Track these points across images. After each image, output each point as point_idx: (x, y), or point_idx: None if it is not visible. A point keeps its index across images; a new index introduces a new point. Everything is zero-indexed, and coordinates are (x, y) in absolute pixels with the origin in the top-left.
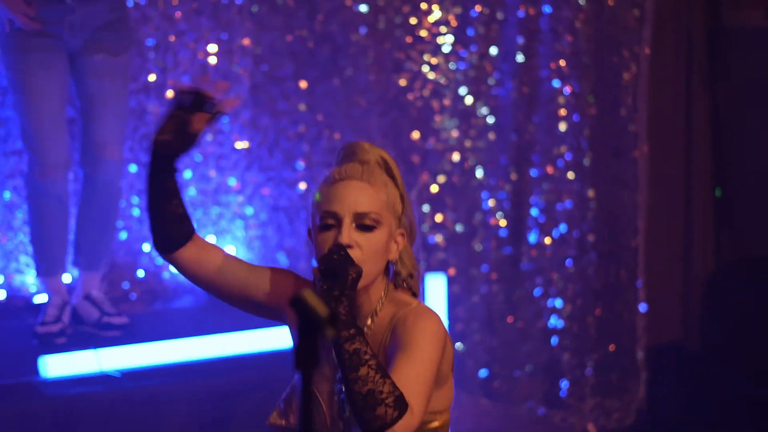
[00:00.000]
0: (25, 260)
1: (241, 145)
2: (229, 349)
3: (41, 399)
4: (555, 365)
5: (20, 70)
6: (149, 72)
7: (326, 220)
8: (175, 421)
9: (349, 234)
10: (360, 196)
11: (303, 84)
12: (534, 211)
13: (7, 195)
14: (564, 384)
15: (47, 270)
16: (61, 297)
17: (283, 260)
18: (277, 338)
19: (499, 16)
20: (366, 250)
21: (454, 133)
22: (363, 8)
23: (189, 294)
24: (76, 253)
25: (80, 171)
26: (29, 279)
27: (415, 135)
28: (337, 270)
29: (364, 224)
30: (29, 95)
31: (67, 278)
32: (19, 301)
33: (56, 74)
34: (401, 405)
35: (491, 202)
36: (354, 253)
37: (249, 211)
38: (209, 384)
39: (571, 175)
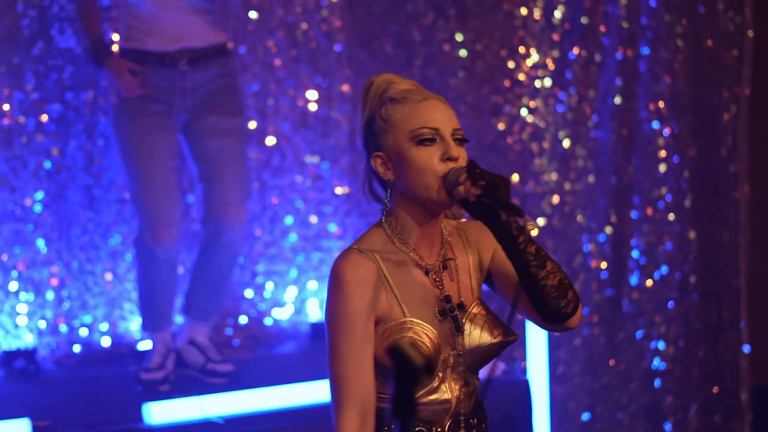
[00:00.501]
0: (129, 307)
1: (341, 190)
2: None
3: None
4: (658, 407)
5: (131, 136)
6: (249, 119)
7: (425, 136)
8: None
9: (456, 148)
10: (450, 113)
11: None
12: (635, 253)
13: (110, 243)
14: (667, 426)
15: (154, 326)
16: (165, 345)
17: None
18: None
19: (597, 58)
20: (463, 164)
21: (554, 176)
22: (461, 53)
23: (291, 339)
24: (188, 303)
25: (201, 229)
26: (133, 326)
27: (515, 178)
28: (496, 182)
29: (459, 139)
30: (140, 159)
31: (105, 340)
32: (123, 347)
33: (166, 138)
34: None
35: (591, 245)
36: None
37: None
38: (313, 430)
39: (671, 216)
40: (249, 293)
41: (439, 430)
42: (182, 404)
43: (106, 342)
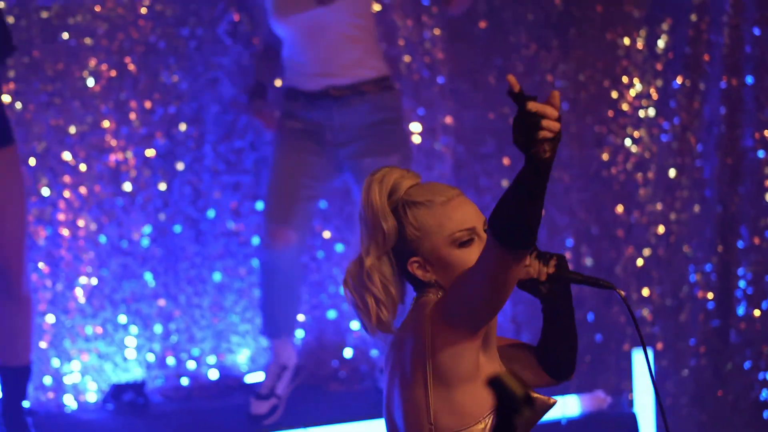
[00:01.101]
0: (236, 340)
1: None
2: None
3: None
4: None
5: (279, 153)
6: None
7: (464, 239)
8: None
9: None
10: (474, 206)
11: (506, 161)
12: (742, 283)
13: (217, 276)
14: None
15: (272, 331)
16: (280, 362)
17: None
18: None
19: (701, 87)
20: None
21: (659, 206)
22: (564, 84)
23: None
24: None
25: None
26: (240, 358)
27: (619, 209)
28: (561, 256)
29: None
30: (278, 170)
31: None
32: (231, 380)
33: (311, 160)
34: None
35: (698, 275)
36: None
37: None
38: None
39: None
40: (355, 325)
41: None
42: None
43: (213, 375)
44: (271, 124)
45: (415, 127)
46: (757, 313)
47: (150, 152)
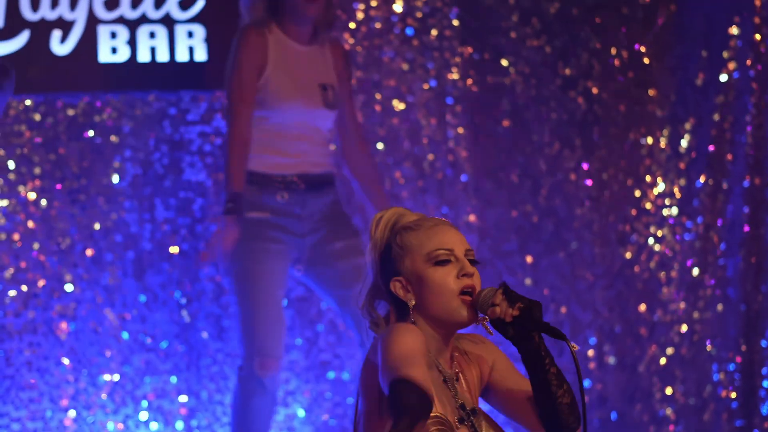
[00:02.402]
0: None
1: None
2: None
3: None
4: None
5: (249, 257)
6: None
7: (442, 257)
8: None
9: (470, 266)
10: (461, 236)
11: (528, 258)
12: (766, 383)
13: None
14: None
15: None
16: None
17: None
18: None
19: (724, 186)
20: (478, 284)
21: (682, 305)
22: (587, 182)
23: None
24: None
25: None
26: None
27: (642, 307)
28: (532, 304)
29: (472, 260)
30: (254, 284)
31: None
32: None
33: (281, 266)
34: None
35: (721, 374)
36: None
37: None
38: None
39: None
40: None
41: None
42: None
43: None
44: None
45: None
46: None
47: (173, 249)
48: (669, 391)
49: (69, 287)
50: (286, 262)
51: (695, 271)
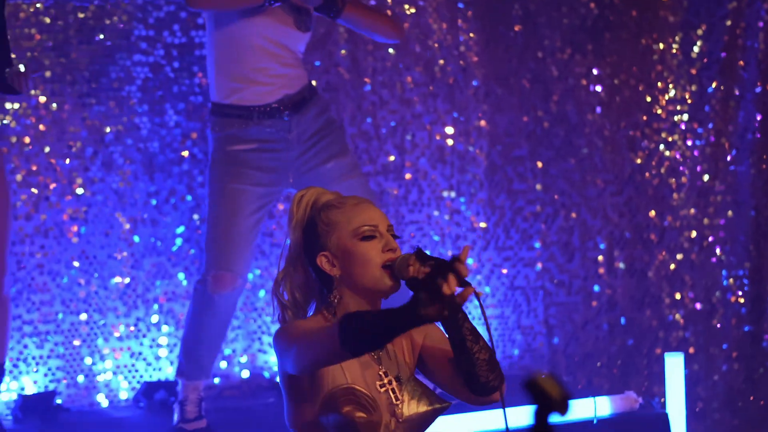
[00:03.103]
0: (268, 340)
1: (479, 225)
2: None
3: None
4: None
5: (224, 176)
6: (388, 154)
7: (368, 233)
8: None
9: (393, 242)
10: (382, 213)
11: (539, 164)
12: None
13: (250, 276)
14: None
15: (190, 374)
16: (197, 395)
17: (518, 338)
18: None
19: (736, 92)
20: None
21: (692, 211)
22: (598, 88)
23: None
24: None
25: None
26: (272, 358)
27: (652, 213)
28: (443, 261)
29: (394, 235)
30: (225, 200)
31: (245, 372)
32: (262, 379)
33: (262, 203)
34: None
35: (731, 280)
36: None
37: (487, 290)
38: None
39: None
40: None
41: None
42: None
43: (245, 374)
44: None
45: (449, 130)
46: None
47: (185, 153)
48: (678, 296)
49: (80, 190)
50: (269, 198)
51: (705, 177)
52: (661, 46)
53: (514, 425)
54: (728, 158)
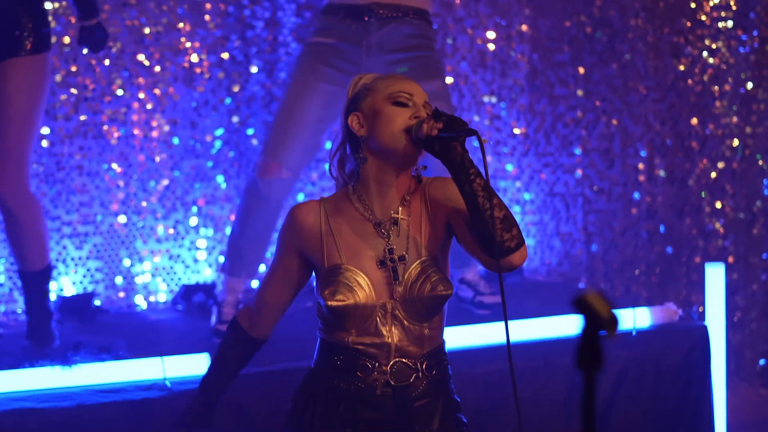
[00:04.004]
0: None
1: (519, 130)
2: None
3: None
4: None
5: (300, 74)
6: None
7: (401, 98)
8: None
9: (423, 113)
10: (423, 92)
11: (581, 69)
12: None
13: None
14: None
15: (234, 271)
16: (234, 296)
17: (557, 245)
18: (543, 326)
19: None
20: None
21: (734, 119)
22: None
23: None
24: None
25: None
26: None
27: (694, 121)
28: (455, 118)
29: (436, 113)
30: (294, 102)
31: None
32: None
33: (334, 91)
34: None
35: None
36: None
37: (526, 196)
38: (481, 371)
39: None
40: None
41: (383, 367)
42: None
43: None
44: None
45: (491, 34)
46: None
47: (224, 55)
48: (719, 205)
49: (119, 92)
50: (340, 88)
51: (749, 85)
52: None
53: (554, 335)
54: None
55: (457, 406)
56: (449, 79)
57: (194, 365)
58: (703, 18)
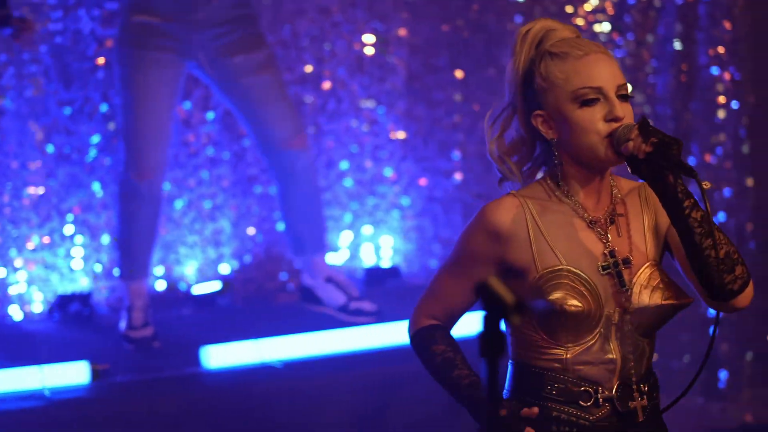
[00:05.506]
0: (184, 251)
1: (397, 135)
2: (386, 339)
3: (202, 390)
4: (713, 355)
5: (133, 64)
6: (305, 63)
7: (587, 96)
8: (333, 412)
9: (621, 106)
10: (613, 68)
11: (459, 74)
12: None
13: (166, 187)
14: (723, 375)
15: (131, 274)
16: (143, 300)
17: (437, 250)
18: None
19: (657, 3)
20: (629, 121)
21: None
22: None
23: None
24: (294, 241)
25: (269, 167)
26: (188, 270)
27: None
28: (668, 141)
29: (624, 95)
30: (137, 94)
31: (161, 284)
32: (178, 291)
33: (169, 75)
34: (746, 264)
35: None
36: None
37: (405, 201)
38: (365, 374)
39: (729, 163)
40: None
41: (606, 392)
42: (240, 348)
43: (161, 286)
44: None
45: (368, 38)
46: None
47: (100, 60)
48: None
49: None
50: (175, 72)
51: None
52: None
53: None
54: (648, 69)
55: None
56: (327, 84)
57: (73, 374)
58: (580, 22)
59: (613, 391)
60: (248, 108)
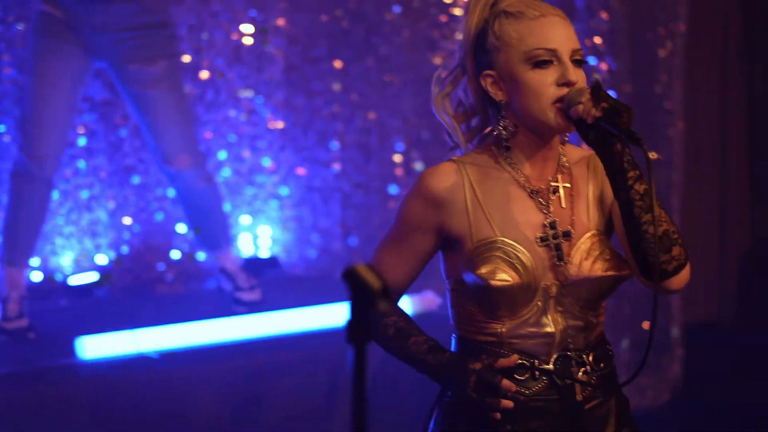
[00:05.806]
0: (61, 242)
1: (276, 125)
2: (264, 330)
3: (77, 381)
4: None
5: (36, 52)
6: (183, 53)
7: (541, 58)
8: (209, 403)
9: (574, 71)
10: (569, 32)
11: (337, 64)
12: None
13: None
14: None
15: (14, 259)
16: (18, 291)
17: (316, 240)
18: (303, 319)
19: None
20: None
21: None
22: None
23: None
24: (201, 241)
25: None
26: (65, 261)
27: None
28: (619, 107)
29: (578, 60)
30: (38, 79)
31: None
32: (55, 283)
33: (71, 66)
34: (685, 246)
35: None
36: None
37: (284, 191)
38: (242, 365)
39: None
40: (181, 228)
41: (543, 365)
42: (116, 338)
43: (37, 277)
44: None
45: (247, 28)
46: None
47: None
48: None
49: None
50: (77, 64)
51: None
52: None
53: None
54: None
55: (627, 404)
56: (205, 74)
57: None
58: (458, 12)
59: (551, 364)
60: (142, 117)
